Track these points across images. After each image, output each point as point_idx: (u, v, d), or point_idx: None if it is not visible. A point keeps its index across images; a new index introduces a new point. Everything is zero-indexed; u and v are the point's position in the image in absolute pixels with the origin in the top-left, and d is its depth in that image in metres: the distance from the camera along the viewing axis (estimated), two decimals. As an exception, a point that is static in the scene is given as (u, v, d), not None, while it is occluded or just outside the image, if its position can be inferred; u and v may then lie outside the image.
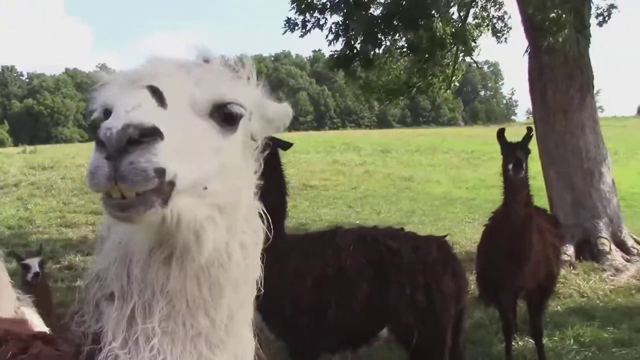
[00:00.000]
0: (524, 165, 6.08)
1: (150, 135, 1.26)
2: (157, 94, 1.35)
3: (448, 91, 14.84)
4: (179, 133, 1.34)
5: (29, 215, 18.24)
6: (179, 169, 1.31)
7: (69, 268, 12.33)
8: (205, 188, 1.41)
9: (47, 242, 14.22)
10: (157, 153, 1.26)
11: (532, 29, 11.47)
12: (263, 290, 1.71)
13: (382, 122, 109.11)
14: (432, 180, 27.77)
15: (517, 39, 13.19)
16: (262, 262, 1.70)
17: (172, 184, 1.30)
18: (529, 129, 6.56)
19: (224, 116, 1.49)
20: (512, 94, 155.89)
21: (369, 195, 23.44)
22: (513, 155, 6.10)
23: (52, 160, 31.47)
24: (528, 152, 6.31)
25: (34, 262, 6.99)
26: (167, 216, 1.36)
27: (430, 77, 14.12)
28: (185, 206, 1.38)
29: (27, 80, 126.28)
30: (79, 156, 33.14)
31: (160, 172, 1.26)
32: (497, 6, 14.53)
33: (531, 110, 13.08)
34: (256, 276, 1.65)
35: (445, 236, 5.34)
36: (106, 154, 1.24)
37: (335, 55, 13.49)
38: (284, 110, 1.77)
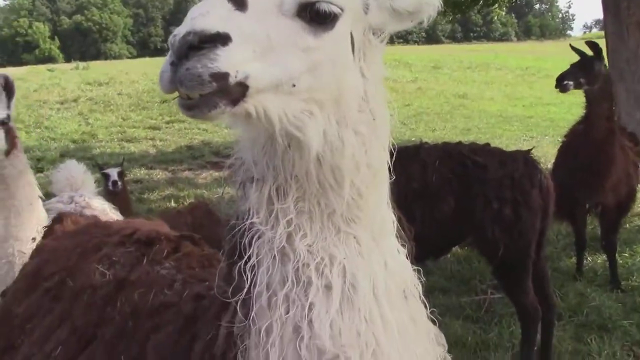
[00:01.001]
0: (575, 80, 6.02)
1: (211, 41, 1.31)
2: None
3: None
4: (257, 35, 1.38)
5: (91, 130, 18.73)
6: (253, 70, 1.37)
7: (135, 181, 12.73)
8: (294, 85, 1.46)
9: (111, 156, 14.65)
10: (216, 59, 1.31)
11: None
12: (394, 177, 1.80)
13: (431, 38, 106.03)
14: (487, 98, 27.20)
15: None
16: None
17: (242, 85, 1.36)
18: (593, 43, 6.38)
19: (313, 14, 1.49)
20: (569, 7, 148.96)
21: (423, 112, 23.15)
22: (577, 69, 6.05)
23: (106, 76, 31.87)
24: (599, 65, 6.18)
25: (113, 172, 7.37)
26: (252, 112, 1.43)
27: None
28: (270, 103, 1.43)
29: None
30: (131, 72, 33.47)
31: (219, 76, 1.32)
32: None
33: (589, 24, 12.47)
34: (381, 160, 1.72)
35: (530, 150, 5.27)
36: (171, 59, 1.34)
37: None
38: (419, 2, 1.68)
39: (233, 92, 1.36)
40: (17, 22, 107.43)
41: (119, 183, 7.33)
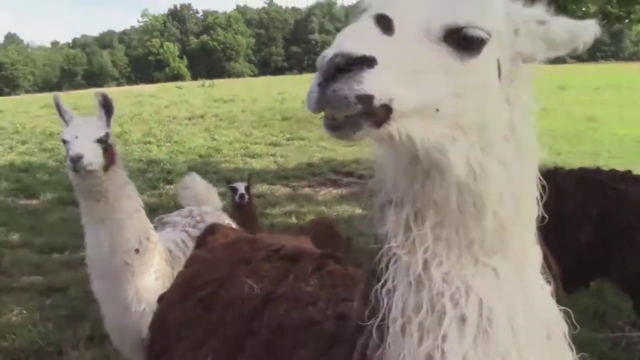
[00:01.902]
0: None
1: (358, 63, 1.32)
2: (383, 21, 1.39)
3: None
4: (404, 58, 1.38)
5: (216, 145, 19.53)
6: (398, 93, 1.35)
7: (257, 196, 13.09)
8: (438, 110, 1.44)
9: (235, 170, 15.19)
10: (362, 81, 1.31)
11: None
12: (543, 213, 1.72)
13: (556, 57, 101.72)
14: (617, 120, 25.71)
15: None
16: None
17: (386, 107, 1.35)
18: None
19: (460, 40, 1.46)
20: None
21: (547, 134, 22.18)
22: None
23: (230, 94, 33.26)
24: None
25: (240, 186, 7.61)
26: (395, 135, 1.42)
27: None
28: (413, 127, 1.42)
29: (202, 17, 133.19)
30: (254, 90, 34.67)
31: (364, 98, 1.32)
32: None
33: None
34: (527, 191, 1.66)
35: (676, 179, 4.88)
36: (319, 80, 1.34)
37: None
38: (575, 29, 1.60)
39: (377, 114, 1.36)
40: (150, 42, 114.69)
41: (246, 197, 7.57)
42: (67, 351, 5.69)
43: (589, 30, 1.61)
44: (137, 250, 3.83)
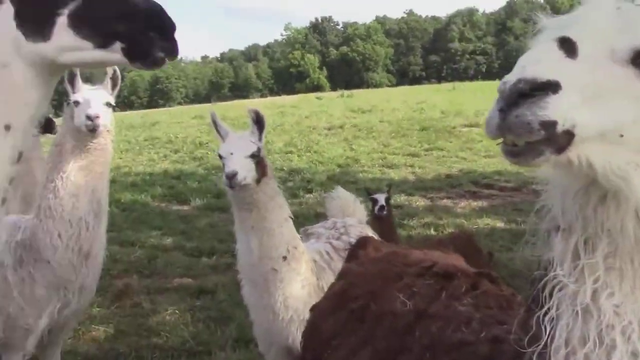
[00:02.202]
0: None
1: (542, 89, 1.29)
2: (566, 44, 1.36)
3: None
4: (587, 82, 1.34)
5: (355, 155, 19.73)
6: (580, 119, 1.32)
7: (395, 207, 13.04)
8: (622, 135, 1.37)
9: (372, 181, 15.25)
10: (545, 107, 1.29)
11: None
12: None
13: None
14: None
15: None
16: None
17: (569, 133, 1.32)
18: None
19: None
20: None
21: None
22: None
23: (369, 104, 33.47)
24: None
25: (380, 197, 7.62)
26: (574, 161, 1.38)
27: None
28: (594, 152, 1.37)
29: (342, 29, 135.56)
30: (392, 100, 34.68)
31: (548, 124, 1.29)
32: None
33: None
34: None
35: None
36: (500, 106, 1.33)
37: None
38: None
39: (559, 140, 1.33)
40: (292, 55, 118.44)
41: (386, 208, 7.56)
42: (215, 352, 5.97)
43: None
44: (284, 258, 3.95)
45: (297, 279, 4.02)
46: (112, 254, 7.54)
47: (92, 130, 4.05)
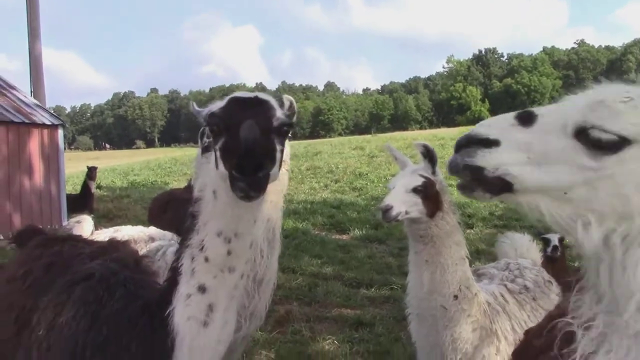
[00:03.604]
0: None
1: (477, 143, 1.67)
2: (525, 115, 1.70)
3: None
4: (533, 146, 1.64)
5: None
6: (519, 172, 1.63)
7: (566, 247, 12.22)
8: (565, 193, 1.63)
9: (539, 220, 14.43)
10: (474, 155, 1.66)
11: None
12: None
13: None
14: None
15: None
16: None
17: (502, 180, 1.65)
18: None
19: (588, 139, 1.61)
20: None
21: None
22: None
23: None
24: None
25: (554, 237, 7.16)
26: (524, 205, 1.69)
27: None
28: (541, 201, 1.65)
29: (506, 60, 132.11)
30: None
31: (473, 168, 1.65)
32: None
33: None
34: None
35: None
36: (455, 150, 1.72)
37: None
38: None
39: (491, 183, 1.67)
40: (453, 87, 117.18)
41: (559, 249, 7.11)
42: (373, 387, 5.88)
43: None
44: (455, 297, 3.79)
45: (467, 320, 3.83)
46: (275, 280, 7.74)
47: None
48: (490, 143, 1.65)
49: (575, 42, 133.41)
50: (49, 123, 15.98)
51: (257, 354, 6.63)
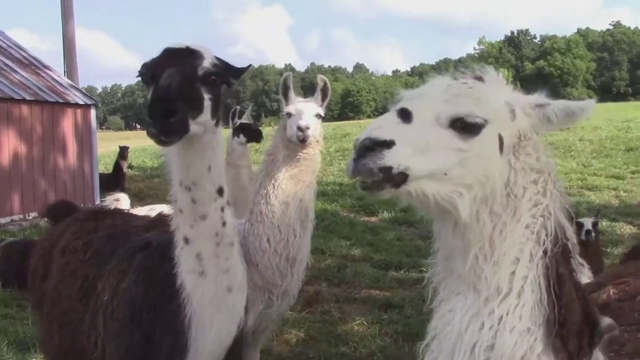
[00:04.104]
0: None
1: (380, 145, 1.84)
2: (404, 114, 1.93)
3: None
4: (417, 140, 1.88)
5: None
6: (412, 164, 1.86)
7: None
8: (446, 174, 1.92)
9: (571, 204, 14.18)
10: (383, 157, 1.83)
11: None
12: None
13: None
14: None
15: None
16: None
17: (402, 174, 1.86)
18: None
19: (462, 126, 1.94)
20: None
21: None
22: None
23: (567, 121, 31.56)
24: None
25: (587, 222, 7.10)
26: (412, 193, 1.91)
27: None
28: (427, 186, 1.92)
29: (539, 42, 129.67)
30: (593, 117, 32.28)
31: (384, 169, 1.83)
32: None
33: None
34: (514, 242, 2.03)
35: None
36: (353, 157, 1.88)
37: None
38: (572, 108, 2.03)
39: (395, 179, 1.87)
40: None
41: (593, 234, 7.03)
42: (402, 368, 5.91)
43: (585, 110, 2.03)
44: None
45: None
46: (304, 260, 7.79)
47: (302, 141, 4.18)
48: (389, 144, 1.85)
49: (610, 24, 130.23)
50: (82, 103, 16.22)
51: (286, 333, 6.71)
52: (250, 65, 3.11)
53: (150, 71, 2.55)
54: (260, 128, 8.60)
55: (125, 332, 2.98)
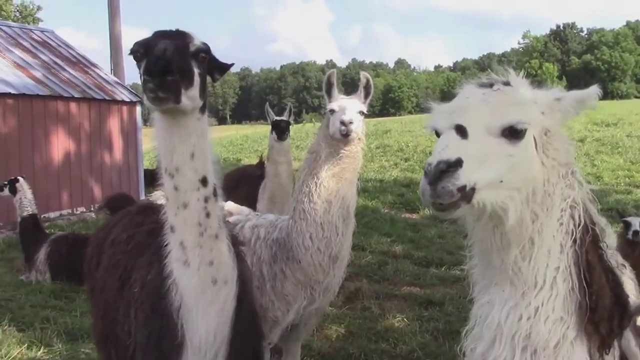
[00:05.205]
0: None
1: (454, 166, 1.92)
2: (460, 130, 2.02)
3: None
4: (477, 153, 1.98)
5: (597, 172, 18.31)
6: (477, 178, 1.96)
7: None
8: (501, 181, 2.05)
9: (617, 202, 13.93)
10: (458, 177, 1.92)
11: None
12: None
13: None
14: None
15: None
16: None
17: (472, 189, 1.96)
18: None
19: (511, 133, 2.07)
20: None
21: None
22: None
23: (614, 117, 30.84)
24: None
25: (635, 221, 6.89)
26: (475, 205, 2.01)
27: None
28: (487, 195, 2.02)
29: (586, 36, 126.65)
30: (644, 113, 31.49)
31: (461, 188, 1.93)
32: None
33: None
34: (549, 238, 2.20)
35: None
36: (428, 180, 1.94)
37: None
38: (582, 96, 2.22)
39: (468, 195, 1.96)
40: (528, 64, 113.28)
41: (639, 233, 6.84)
42: (442, 366, 5.88)
43: (592, 97, 2.21)
44: None
45: None
46: (345, 257, 7.81)
47: (346, 135, 4.16)
48: (460, 163, 1.93)
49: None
50: (128, 100, 16.56)
51: (327, 329, 6.75)
52: (233, 64, 3.08)
53: (142, 47, 2.56)
54: (290, 123, 8.45)
55: (148, 322, 3.06)
